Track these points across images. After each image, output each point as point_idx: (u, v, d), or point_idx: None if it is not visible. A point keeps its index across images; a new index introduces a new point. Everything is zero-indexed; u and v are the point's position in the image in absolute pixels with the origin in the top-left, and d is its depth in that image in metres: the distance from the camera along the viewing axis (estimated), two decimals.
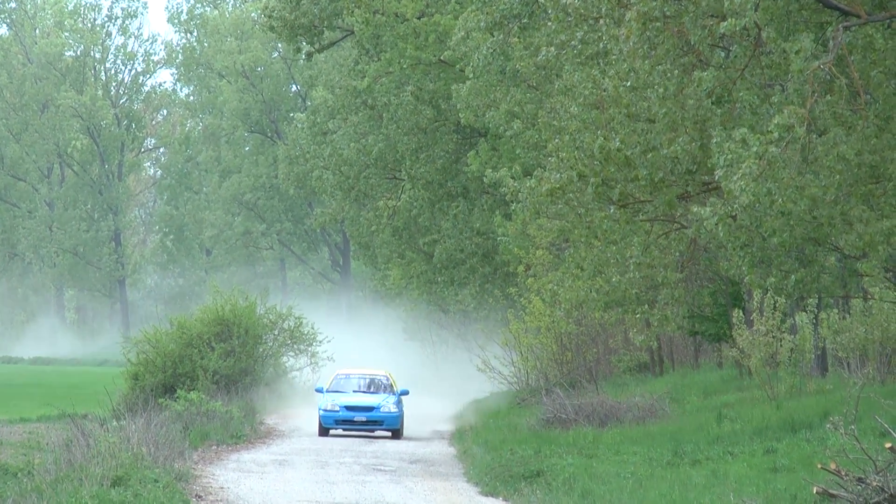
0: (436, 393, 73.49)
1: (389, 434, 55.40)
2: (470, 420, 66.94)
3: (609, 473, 44.97)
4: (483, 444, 57.27)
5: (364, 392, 58.55)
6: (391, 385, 58.09)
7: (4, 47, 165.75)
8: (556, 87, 55.38)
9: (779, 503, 36.52)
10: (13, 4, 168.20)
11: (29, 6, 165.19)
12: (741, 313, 57.01)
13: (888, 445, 30.74)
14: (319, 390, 58.98)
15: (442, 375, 77.42)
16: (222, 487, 44.78)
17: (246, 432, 58.48)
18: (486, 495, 46.53)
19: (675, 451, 48.82)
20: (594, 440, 52.84)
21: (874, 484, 30.22)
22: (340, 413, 56.09)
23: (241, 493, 43.44)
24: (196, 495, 42.30)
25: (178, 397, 63.86)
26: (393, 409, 56.30)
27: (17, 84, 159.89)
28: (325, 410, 56.64)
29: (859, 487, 30.41)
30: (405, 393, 58.32)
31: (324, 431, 55.63)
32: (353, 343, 71.60)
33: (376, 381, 59.22)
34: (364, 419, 55.90)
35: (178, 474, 44.83)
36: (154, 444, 48.10)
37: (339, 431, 55.47)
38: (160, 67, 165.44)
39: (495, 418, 64.29)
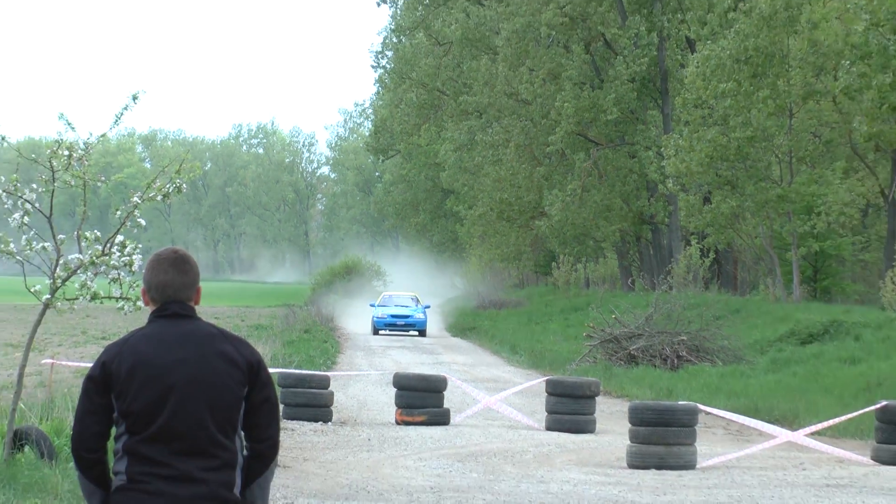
0: (437, 297, 72.66)
1: (417, 333, 44.03)
2: (447, 307, 66.82)
3: (503, 328, 44.37)
4: (451, 316, 57.10)
5: (402, 306, 45.80)
6: (419, 301, 46.62)
7: (262, 160, 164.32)
8: (482, 172, 55.27)
9: (570, 340, 35.60)
10: (265, 141, 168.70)
11: (275, 142, 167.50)
12: (556, 263, 56.78)
13: (613, 316, 30.70)
14: (372, 305, 46.56)
15: (440, 290, 76.42)
16: (350, 334, 44.49)
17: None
18: (453, 336, 46.27)
19: (529, 319, 47.31)
20: (496, 315, 52.17)
21: (607, 331, 30.16)
22: (387, 319, 43.83)
23: (357, 338, 43.11)
24: (338, 336, 42.10)
25: (334, 294, 63.90)
26: (421, 316, 44.61)
27: (264, 177, 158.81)
28: (378, 318, 44.28)
29: (602, 333, 30.33)
30: (428, 307, 46.90)
31: (375, 331, 44.35)
32: (406, 278, 69.94)
33: (409, 298, 47.50)
34: (403, 324, 44.00)
35: (331, 328, 44.67)
36: (321, 316, 47.86)
37: (386, 332, 44.36)
38: (323, 165, 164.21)
39: (458, 306, 64.49)
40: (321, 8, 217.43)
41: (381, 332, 44.60)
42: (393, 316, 43.69)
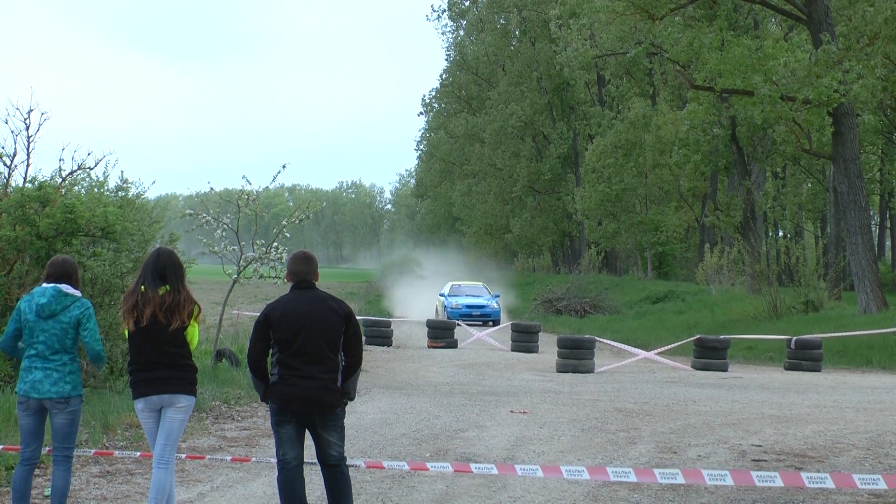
0: (449, 277, 69.55)
1: (492, 323, 23.76)
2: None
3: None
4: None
5: (473, 296, 25.16)
6: (488, 291, 26.36)
7: (354, 201, 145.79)
8: (475, 208, 53.80)
9: (524, 300, 31.72)
10: (355, 190, 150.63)
11: (361, 190, 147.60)
12: (516, 258, 55.07)
13: (548, 287, 29.73)
14: (441, 294, 25.83)
15: (451, 273, 72.75)
16: (399, 299, 41.69)
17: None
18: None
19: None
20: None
21: (545, 296, 29.78)
22: (462, 310, 23.87)
23: (405, 301, 36.38)
24: (396, 300, 37.08)
25: (394, 275, 58.69)
26: (496, 306, 24.49)
27: (355, 210, 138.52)
28: (451, 308, 24.07)
29: (542, 297, 29.93)
30: (498, 296, 26.14)
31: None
32: (433, 266, 64.86)
33: (478, 287, 26.27)
34: (479, 314, 23.95)
35: (390, 296, 42.24)
36: (386, 288, 45.52)
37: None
38: (387, 203, 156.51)
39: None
40: (390, 118, 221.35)
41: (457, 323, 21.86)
42: (468, 306, 24.29)
